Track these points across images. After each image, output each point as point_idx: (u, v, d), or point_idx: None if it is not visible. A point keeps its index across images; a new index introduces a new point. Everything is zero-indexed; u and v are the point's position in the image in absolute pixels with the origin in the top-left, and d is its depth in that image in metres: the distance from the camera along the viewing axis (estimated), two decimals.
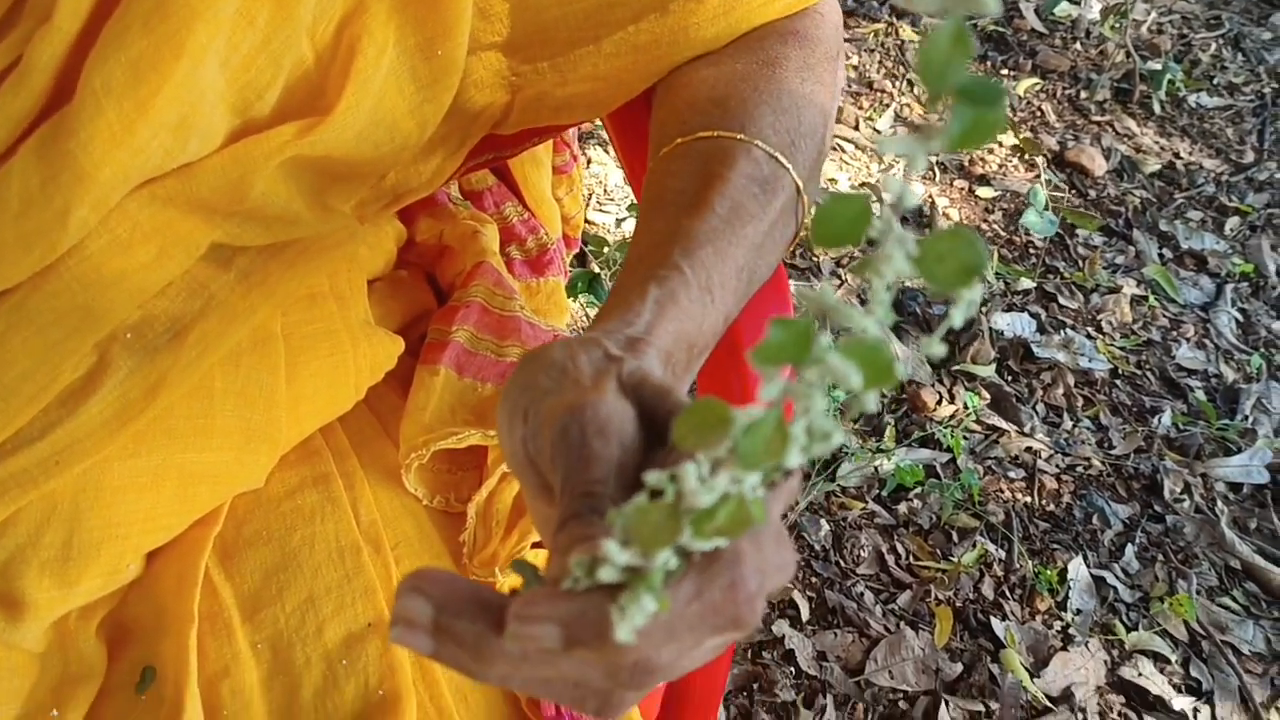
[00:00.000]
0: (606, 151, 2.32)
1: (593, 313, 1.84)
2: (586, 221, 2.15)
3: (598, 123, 1.44)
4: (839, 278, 2.13)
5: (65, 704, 0.60)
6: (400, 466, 0.70)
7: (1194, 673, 1.53)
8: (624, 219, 2.17)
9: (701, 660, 0.39)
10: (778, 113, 0.62)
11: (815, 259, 2.17)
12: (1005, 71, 2.84)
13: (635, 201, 0.82)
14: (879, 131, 2.56)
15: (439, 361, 0.74)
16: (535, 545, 0.70)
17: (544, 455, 0.41)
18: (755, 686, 1.44)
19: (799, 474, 0.40)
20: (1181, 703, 1.49)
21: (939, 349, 0.37)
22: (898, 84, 2.74)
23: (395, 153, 0.64)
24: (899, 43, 2.84)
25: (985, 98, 0.26)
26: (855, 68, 2.77)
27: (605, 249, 1.62)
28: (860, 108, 2.64)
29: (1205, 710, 1.48)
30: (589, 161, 2.29)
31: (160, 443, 0.62)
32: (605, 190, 2.23)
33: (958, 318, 0.35)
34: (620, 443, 0.39)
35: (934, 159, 2.50)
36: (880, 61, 2.81)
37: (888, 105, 2.66)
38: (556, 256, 0.93)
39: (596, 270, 1.57)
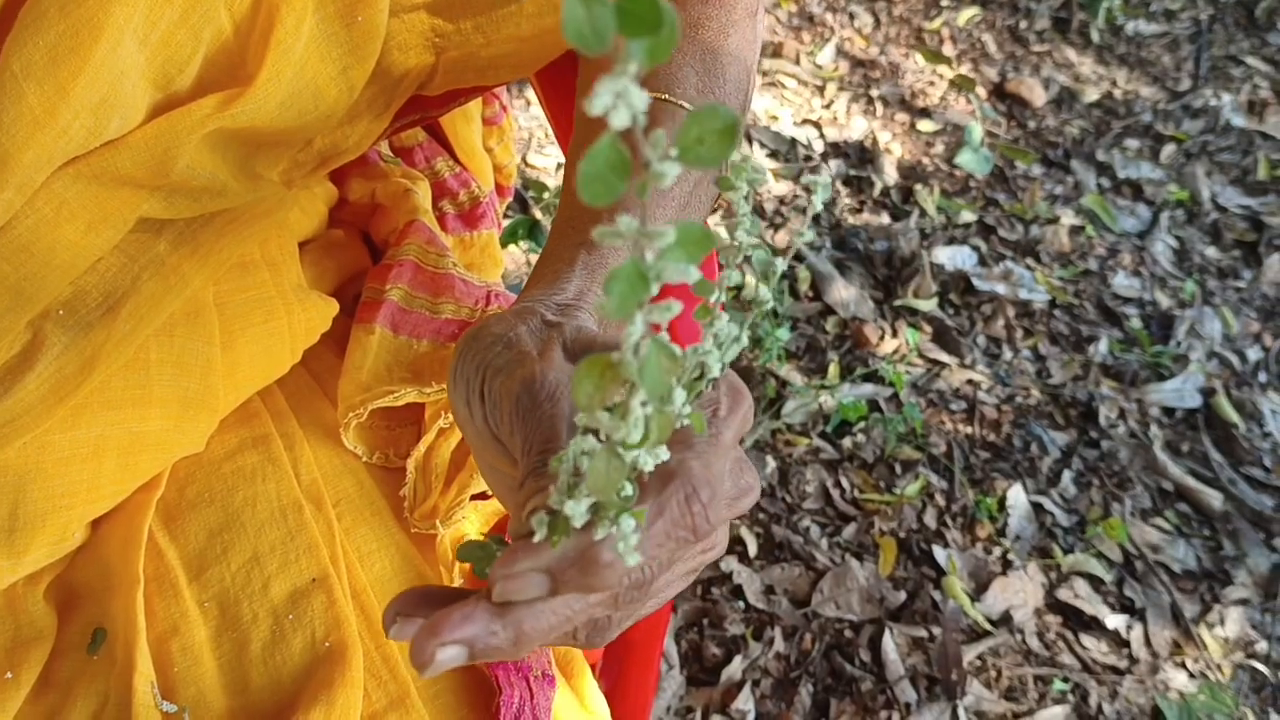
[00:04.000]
0: None
1: (534, 259, 1.84)
2: (527, 165, 2.14)
3: None
4: (782, 216, 2.14)
5: (19, 666, 0.61)
6: (339, 425, 0.71)
7: (1128, 592, 1.59)
8: (564, 163, 2.17)
9: (684, 582, 0.44)
10: (701, 74, 0.64)
11: (758, 198, 2.18)
12: (946, 2, 2.85)
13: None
14: (820, 66, 2.57)
15: (374, 320, 0.75)
16: (475, 497, 0.72)
17: (504, 428, 0.45)
18: (705, 621, 1.48)
19: (747, 396, 0.44)
20: (1115, 621, 1.55)
21: (809, 235, 0.39)
22: (838, 17, 2.74)
23: (320, 120, 0.64)
24: None
25: None
26: (796, 1, 2.77)
27: (545, 194, 1.63)
28: (801, 42, 2.64)
29: (1138, 627, 1.55)
30: (528, 104, 2.28)
31: (99, 414, 0.63)
32: (546, 134, 2.23)
33: (818, 202, 0.37)
34: (570, 402, 0.43)
35: (876, 95, 2.51)
36: None
37: (828, 39, 2.66)
38: (489, 209, 0.93)
39: (537, 216, 1.57)
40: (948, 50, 2.69)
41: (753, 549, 1.57)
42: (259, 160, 0.66)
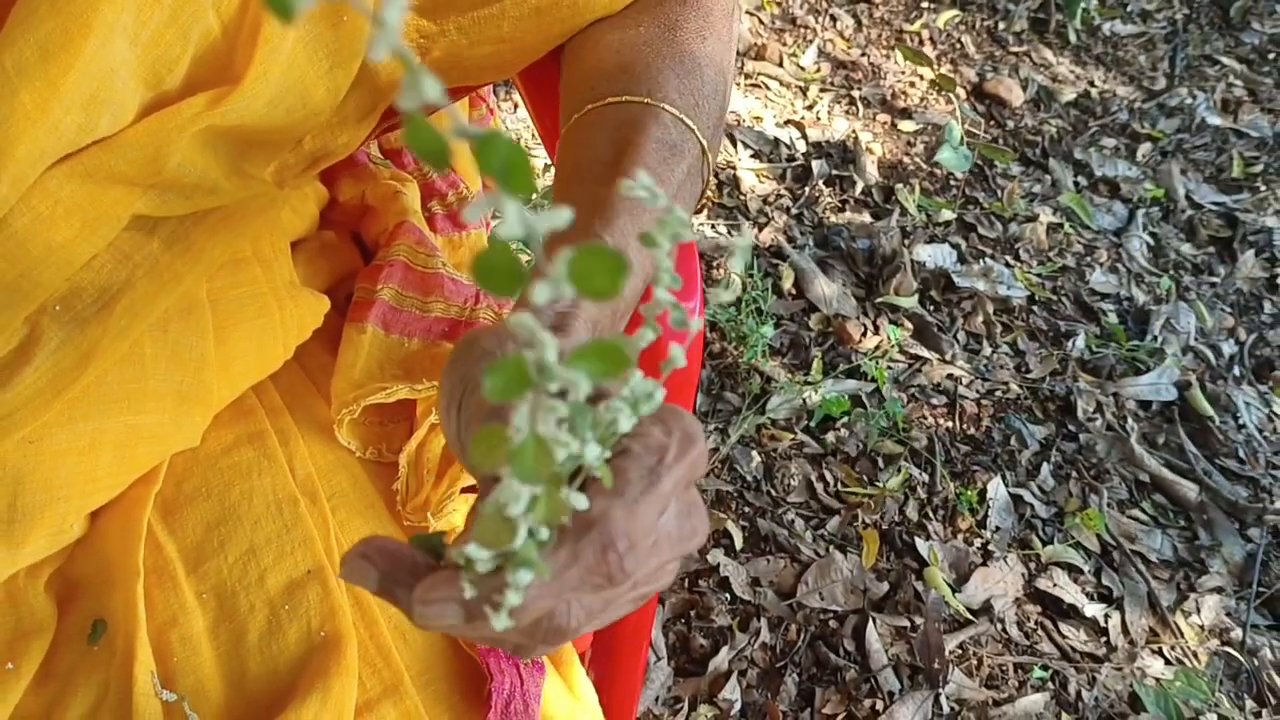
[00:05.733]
0: None
1: (524, 258, 1.86)
2: None
3: None
4: (765, 216, 2.16)
5: (19, 657, 0.63)
6: (332, 421, 0.73)
7: (1105, 581, 1.61)
8: (551, 165, 2.19)
9: (609, 617, 0.44)
10: (681, 76, 0.66)
11: (743, 198, 2.21)
12: (926, 3, 2.88)
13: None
14: (803, 67, 2.59)
15: (366, 319, 0.76)
16: (465, 490, 0.73)
17: None
18: (692, 613, 1.50)
19: (698, 442, 0.44)
20: (1094, 610, 1.57)
21: (730, 295, 0.41)
22: (821, 19, 2.76)
23: (308, 119, 0.65)
24: None
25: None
26: (779, 3, 2.79)
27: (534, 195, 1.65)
28: (784, 44, 2.66)
29: (1116, 615, 1.57)
30: (515, 106, 2.29)
31: (95, 408, 0.64)
32: (533, 136, 2.24)
33: (739, 264, 0.39)
34: None
35: (858, 95, 2.54)
36: None
37: (811, 41, 2.68)
38: None
39: None
40: (928, 51, 2.72)
41: (739, 542, 1.59)
42: (249, 159, 0.67)
